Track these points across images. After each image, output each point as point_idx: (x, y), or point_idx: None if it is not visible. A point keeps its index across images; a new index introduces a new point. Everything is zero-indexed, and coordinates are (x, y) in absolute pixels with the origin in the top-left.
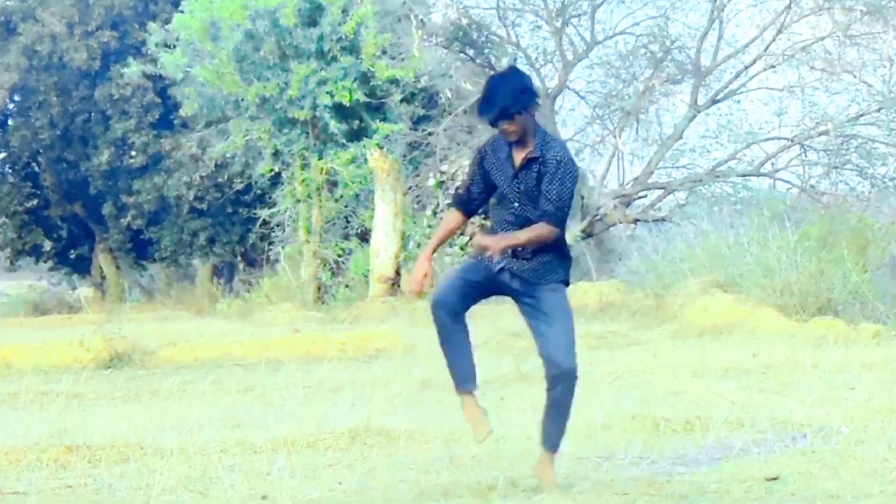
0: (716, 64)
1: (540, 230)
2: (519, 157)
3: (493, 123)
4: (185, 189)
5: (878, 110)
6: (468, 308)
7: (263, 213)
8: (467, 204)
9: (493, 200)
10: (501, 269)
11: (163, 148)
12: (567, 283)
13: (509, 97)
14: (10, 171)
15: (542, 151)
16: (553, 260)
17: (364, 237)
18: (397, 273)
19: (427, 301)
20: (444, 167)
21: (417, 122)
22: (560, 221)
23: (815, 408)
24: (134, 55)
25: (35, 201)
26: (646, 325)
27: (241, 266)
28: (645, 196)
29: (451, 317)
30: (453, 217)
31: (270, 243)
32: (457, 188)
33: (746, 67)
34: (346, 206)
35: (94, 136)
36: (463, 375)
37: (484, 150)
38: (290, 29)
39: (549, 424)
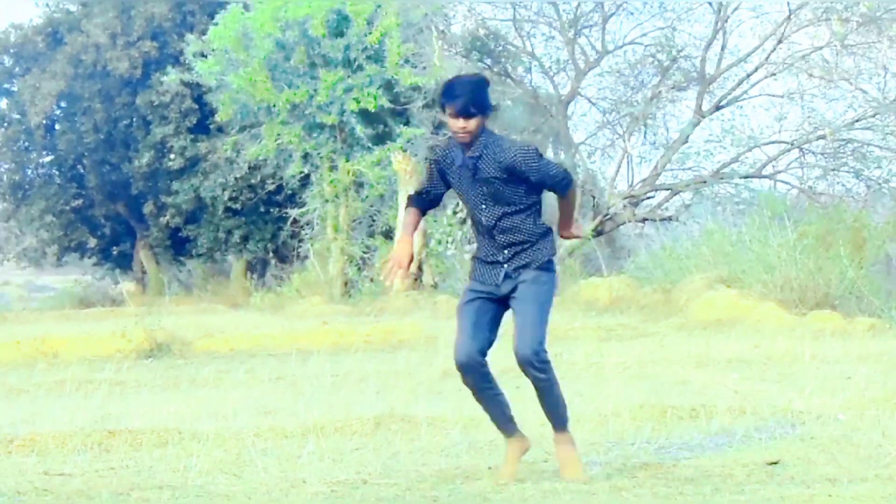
0: (720, 72)
1: (573, 197)
2: (471, 161)
3: (458, 113)
4: (220, 190)
5: (874, 116)
6: (490, 346)
7: (294, 213)
8: (427, 204)
9: (468, 213)
10: (506, 277)
11: (199, 151)
12: (550, 266)
13: (474, 95)
14: (57, 172)
15: (483, 151)
16: (538, 247)
17: (388, 235)
18: (419, 269)
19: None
20: None
21: (438, 126)
22: (571, 182)
23: (814, 397)
24: (173, 64)
25: (80, 201)
26: (653, 318)
27: (272, 262)
28: (653, 196)
29: (480, 378)
30: (415, 215)
31: (300, 241)
32: (417, 191)
33: (749, 75)
34: (371, 206)
35: (136, 140)
36: (504, 424)
37: (437, 158)
38: (318, 39)
39: (544, 407)
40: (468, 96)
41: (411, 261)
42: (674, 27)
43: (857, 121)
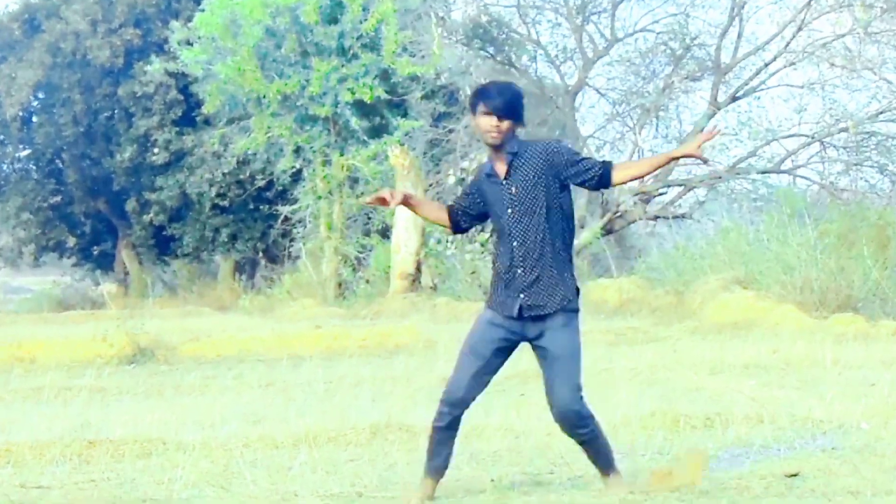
0: (736, 61)
1: (624, 176)
2: (501, 166)
3: (492, 112)
4: (207, 186)
5: None
6: (481, 393)
7: (285, 210)
8: (458, 213)
9: (494, 228)
10: (520, 312)
11: (185, 145)
12: (577, 311)
13: (510, 97)
14: (35, 167)
15: (519, 148)
16: (564, 284)
17: (385, 234)
18: (418, 269)
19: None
20: (464, 164)
21: (438, 119)
22: (608, 167)
23: (835, 404)
24: (157, 53)
25: (59, 198)
26: (666, 321)
27: (262, 262)
28: (665, 193)
29: (455, 422)
30: (444, 212)
31: (292, 240)
32: (456, 198)
33: (766, 64)
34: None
35: (118, 133)
36: (438, 465)
37: (480, 173)
38: (310, 26)
39: (591, 456)
40: (504, 97)
41: (401, 201)
42: (687, 13)
43: (881, 112)
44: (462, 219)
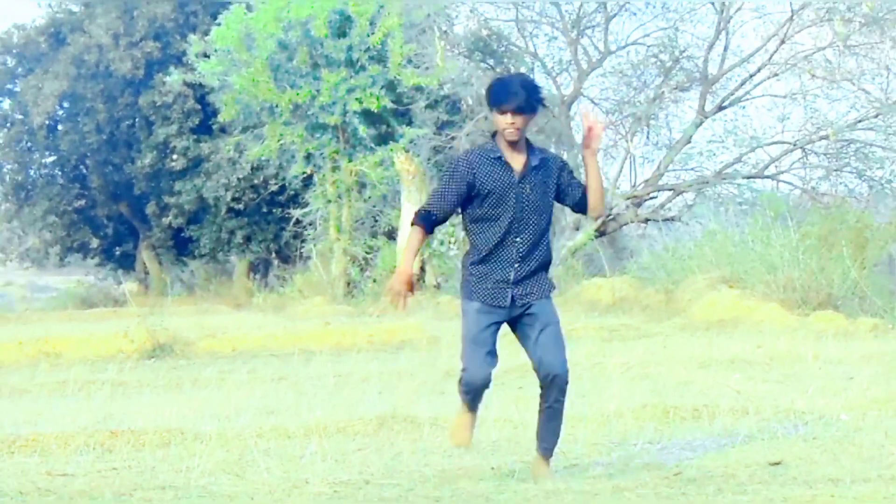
0: (722, 72)
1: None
2: (518, 163)
3: (515, 110)
4: (223, 190)
5: (876, 116)
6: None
7: (296, 213)
8: (436, 224)
9: (474, 215)
10: (513, 302)
11: (202, 152)
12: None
13: (530, 92)
14: (60, 172)
15: (541, 160)
16: (546, 272)
17: (391, 235)
18: (422, 269)
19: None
20: None
21: (441, 127)
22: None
23: (816, 397)
24: (175, 64)
25: (83, 201)
26: (656, 318)
27: (275, 262)
28: (655, 197)
29: (482, 391)
30: (419, 236)
31: (303, 241)
32: (427, 209)
33: (751, 76)
34: (374, 206)
35: (138, 141)
36: (475, 407)
37: (470, 162)
38: (321, 39)
39: (546, 429)
40: (519, 94)
41: (411, 286)
42: (676, 28)
43: (859, 121)
44: (439, 224)
